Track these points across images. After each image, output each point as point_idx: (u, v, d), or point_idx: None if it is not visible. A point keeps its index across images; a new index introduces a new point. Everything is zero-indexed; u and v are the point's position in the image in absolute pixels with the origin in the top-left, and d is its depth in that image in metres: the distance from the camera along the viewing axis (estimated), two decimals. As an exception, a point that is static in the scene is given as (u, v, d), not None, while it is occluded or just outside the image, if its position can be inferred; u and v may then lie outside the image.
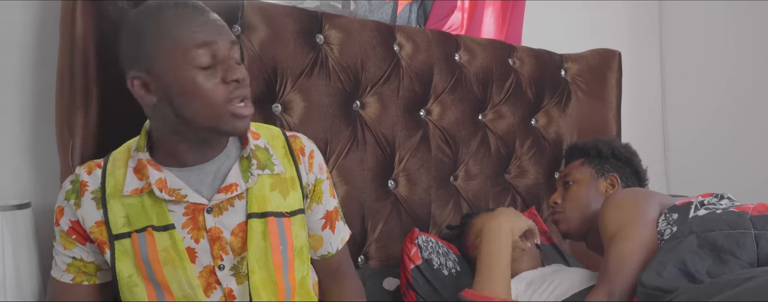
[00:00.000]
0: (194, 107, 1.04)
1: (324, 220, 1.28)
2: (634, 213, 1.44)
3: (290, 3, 1.72)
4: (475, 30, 2.17)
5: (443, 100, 1.89)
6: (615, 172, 1.69)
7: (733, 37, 2.76)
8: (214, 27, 1.05)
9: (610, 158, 1.72)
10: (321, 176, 1.25)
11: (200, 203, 1.10)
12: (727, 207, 1.40)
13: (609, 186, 1.68)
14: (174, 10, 1.05)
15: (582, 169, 1.71)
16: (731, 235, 1.28)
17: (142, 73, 1.04)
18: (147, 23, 1.04)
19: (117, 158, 1.14)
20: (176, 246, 1.08)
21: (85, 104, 1.28)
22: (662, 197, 1.53)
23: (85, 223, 1.11)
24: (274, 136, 1.22)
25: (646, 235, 1.40)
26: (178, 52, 1.02)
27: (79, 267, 1.14)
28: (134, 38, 1.05)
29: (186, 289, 1.09)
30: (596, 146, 1.74)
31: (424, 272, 1.59)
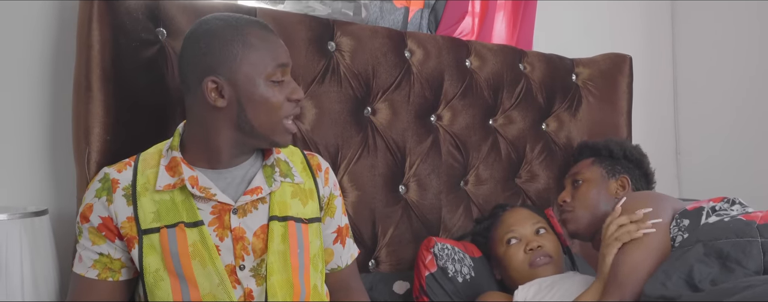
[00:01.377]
0: (261, 116, 1.17)
1: (335, 234, 1.36)
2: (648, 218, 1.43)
3: (301, 10, 1.74)
4: (486, 35, 2.17)
5: (454, 105, 1.91)
6: (626, 173, 1.68)
7: (746, 40, 2.75)
8: (286, 51, 1.21)
9: (621, 159, 1.71)
10: (335, 191, 1.35)
11: (227, 204, 1.17)
12: (737, 214, 1.39)
13: (619, 188, 1.66)
14: (260, 29, 1.19)
15: (592, 168, 1.70)
16: (738, 243, 1.28)
17: (220, 78, 1.15)
18: (235, 35, 1.15)
19: (147, 158, 1.21)
20: (205, 242, 1.14)
21: (101, 113, 1.31)
22: (674, 201, 1.52)
23: (117, 219, 1.16)
24: (293, 152, 1.32)
25: (659, 241, 1.39)
26: (262, 66, 1.16)
27: (106, 263, 1.18)
28: (220, 46, 1.15)
29: (215, 283, 1.13)
30: (608, 146, 1.73)
31: (439, 279, 1.62)
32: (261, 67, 1.16)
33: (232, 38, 1.15)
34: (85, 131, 1.30)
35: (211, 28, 1.17)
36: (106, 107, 1.30)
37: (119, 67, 1.33)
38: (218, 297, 1.13)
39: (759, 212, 1.38)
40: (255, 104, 1.16)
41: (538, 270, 1.59)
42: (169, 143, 1.22)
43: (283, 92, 1.18)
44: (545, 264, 1.59)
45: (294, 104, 1.20)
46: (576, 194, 1.67)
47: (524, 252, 1.62)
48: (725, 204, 1.45)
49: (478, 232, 1.78)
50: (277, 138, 1.20)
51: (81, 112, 1.31)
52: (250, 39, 1.16)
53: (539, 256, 1.60)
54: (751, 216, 1.36)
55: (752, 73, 2.73)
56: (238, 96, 1.16)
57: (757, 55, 2.71)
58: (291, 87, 1.20)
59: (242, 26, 1.17)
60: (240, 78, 1.15)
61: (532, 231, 1.65)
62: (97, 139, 1.30)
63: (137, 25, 1.37)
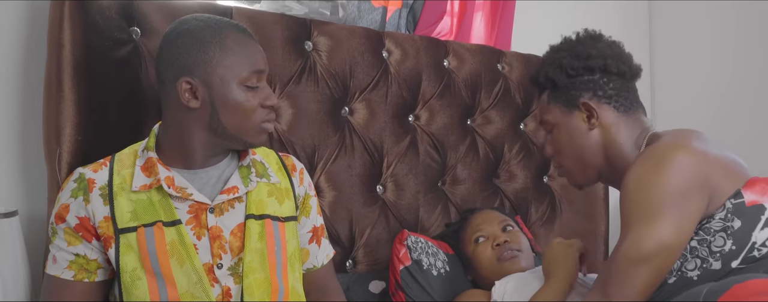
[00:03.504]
0: (234, 119, 1.18)
1: (311, 234, 1.36)
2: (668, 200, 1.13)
3: (278, 10, 1.73)
4: (464, 35, 2.18)
5: (431, 105, 1.91)
6: (584, 93, 1.36)
7: (723, 39, 2.78)
8: (264, 57, 1.22)
9: (568, 82, 1.38)
10: (310, 191, 1.36)
11: (204, 203, 1.17)
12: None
13: (587, 115, 1.36)
14: (239, 34, 1.19)
15: (550, 108, 1.41)
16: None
17: (195, 79, 1.15)
18: (213, 37, 1.16)
19: (122, 159, 1.21)
20: (183, 240, 1.14)
21: (73, 112, 1.29)
22: (720, 160, 1.18)
23: (94, 219, 1.15)
24: (267, 153, 1.33)
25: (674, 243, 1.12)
26: (237, 71, 1.16)
27: (82, 264, 1.17)
28: (197, 47, 1.15)
29: (192, 281, 1.13)
30: (548, 75, 1.41)
31: (414, 273, 1.62)
32: (236, 71, 1.16)
33: (209, 40, 1.16)
34: (56, 131, 1.28)
35: (190, 29, 1.17)
36: (77, 106, 1.29)
37: (91, 67, 1.31)
38: (196, 295, 1.13)
39: None
40: (228, 108, 1.17)
41: (507, 264, 1.60)
42: (144, 144, 1.22)
43: (257, 98, 1.19)
44: (513, 257, 1.60)
45: (268, 110, 1.21)
46: (553, 143, 1.42)
47: (492, 248, 1.63)
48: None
49: (448, 235, 1.80)
50: (250, 139, 1.21)
51: (52, 112, 1.29)
52: (228, 42, 1.16)
53: (506, 250, 1.61)
54: None
55: (728, 72, 2.76)
56: (212, 98, 1.16)
57: (733, 54, 2.74)
58: (265, 93, 1.20)
59: (221, 29, 1.17)
60: (214, 80, 1.15)
61: (498, 229, 1.68)
62: (68, 139, 1.28)
63: (110, 23, 1.36)
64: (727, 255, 1.11)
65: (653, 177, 1.16)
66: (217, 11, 1.53)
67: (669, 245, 1.13)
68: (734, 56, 2.74)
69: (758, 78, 2.66)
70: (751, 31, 2.70)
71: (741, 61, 2.72)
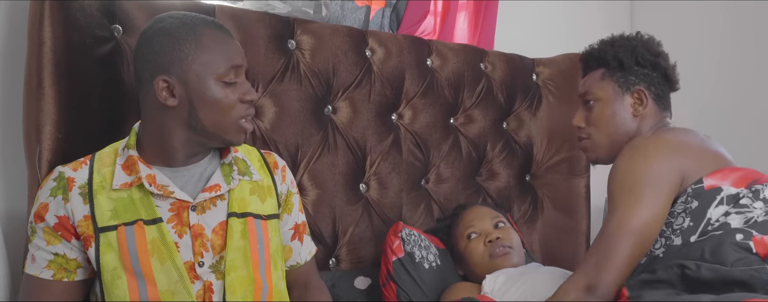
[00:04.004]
0: (212, 116, 1.17)
1: (293, 231, 1.37)
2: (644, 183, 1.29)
3: (261, 8, 1.73)
4: (447, 34, 2.19)
5: (415, 104, 1.92)
6: (641, 83, 1.49)
7: (704, 40, 2.81)
8: (241, 52, 1.21)
9: (633, 68, 1.50)
10: (292, 189, 1.36)
11: (185, 201, 1.17)
12: (755, 218, 1.22)
13: (636, 102, 1.48)
14: (215, 30, 1.18)
15: (603, 85, 1.51)
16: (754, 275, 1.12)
17: (171, 77, 1.15)
18: (188, 34, 1.15)
19: (102, 157, 1.20)
20: (164, 238, 1.14)
21: (53, 110, 1.28)
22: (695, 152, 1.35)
23: (74, 217, 1.15)
24: (249, 151, 1.33)
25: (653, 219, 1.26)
26: (213, 67, 1.16)
27: (61, 263, 1.16)
28: (172, 45, 1.15)
29: (173, 279, 1.13)
30: (616, 54, 1.51)
31: (406, 264, 1.62)
32: (213, 68, 1.16)
33: (185, 38, 1.15)
34: (36, 129, 1.28)
35: (166, 27, 1.17)
36: (57, 104, 1.28)
37: (72, 64, 1.31)
38: (177, 293, 1.13)
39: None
40: (206, 105, 1.16)
41: (499, 260, 1.62)
42: (124, 142, 1.22)
43: (235, 93, 1.18)
44: (505, 254, 1.62)
45: (247, 105, 1.20)
46: (590, 117, 1.51)
47: (484, 244, 1.66)
48: (749, 194, 1.26)
49: (440, 229, 1.81)
50: (230, 137, 1.20)
51: (32, 109, 1.29)
52: (204, 39, 1.16)
53: (499, 247, 1.63)
54: (763, 245, 1.17)
55: (710, 73, 2.79)
56: (189, 96, 1.16)
57: (714, 55, 2.77)
58: (244, 88, 1.19)
59: (197, 26, 1.17)
60: (191, 78, 1.15)
61: (491, 225, 1.70)
62: (48, 137, 1.27)
63: (91, 21, 1.35)
64: (685, 231, 1.25)
65: (633, 164, 1.33)
66: (200, 9, 1.52)
67: (649, 222, 1.28)
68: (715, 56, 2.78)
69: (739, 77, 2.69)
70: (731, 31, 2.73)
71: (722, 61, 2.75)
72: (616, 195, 1.32)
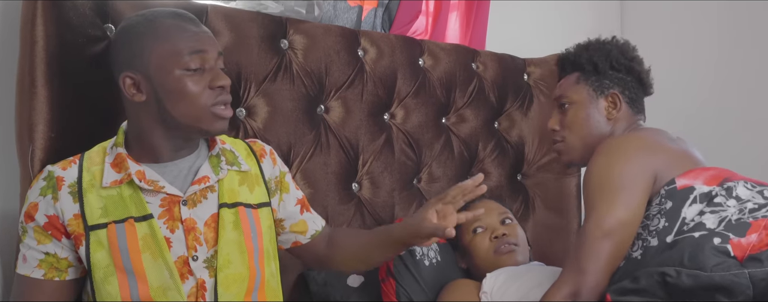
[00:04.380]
0: (181, 107, 1.15)
1: (299, 205, 1.38)
2: (618, 183, 1.31)
3: (254, 8, 1.73)
4: (439, 34, 2.20)
5: (407, 104, 1.92)
6: (616, 87, 1.52)
7: (695, 40, 2.83)
8: (206, 37, 1.18)
9: (608, 72, 1.54)
10: (283, 169, 1.36)
11: (176, 195, 1.17)
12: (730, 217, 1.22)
13: (610, 105, 1.52)
14: (172, 20, 1.17)
15: (578, 88, 1.55)
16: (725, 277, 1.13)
17: (136, 73, 1.15)
18: (146, 28, 1.15)
19: (92, 156, 1.20)
20: (155, 235, 1.14)
21: (45, 109, 1.28)
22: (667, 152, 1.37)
23: (63, 216, 1.14)
24: (235, 141, 1.33)
25: (627, 217, 1.28)
26: (172, 56, 1.14)
27: (52, 262, 1.16)
28: (132, 40, 1.15)
29: (165, 276, 1.13)
30: (591, 58, 1.55)
31: (406, 261, 1.62)
32: (174, 58, 1.14)
33: (143, 31, 1.15)
34: (28, 128, 1.28)
35: (128, 24, 1.18)
36: (50, 103, 1.28)
37: (65, 63, 1.31)
38: (168, 291, 1.13)
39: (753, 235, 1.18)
40: (172, 96, 1.14)
41: (503, 257, 1.62)
42: (113, 141, 1.22)
43: (203, 80, 1.15)
44: (510, 251, 1.62)
45: (217, 91, 1.16)
46: (564, 120, 1.54)
47: (489, 240, 1.65)
48: (722, 192, 1.27)
49: None
50: (206, 126, 1.17)
51: (24, 108, 1.28)
52: (160, 30, 1.15)
53: (504, 244, 1.63)
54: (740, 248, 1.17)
55: (700, 73, 2.81)
56: (155, 89, 1.15)
57: (704, 55, 2.80)
58: (212, 74, 1.16)
59: (155, 18, 1.16)
60: (152, 71, 1.14)
61: (497, 221, 1.70)
62: (41, 136, 1.27)
63: (84, 20, 1.35)
64: (661, 231, 1.26)
65: (607, 165, 1.35)
66: (193, 9, 1.52)
67: (625, 221, 1.29)
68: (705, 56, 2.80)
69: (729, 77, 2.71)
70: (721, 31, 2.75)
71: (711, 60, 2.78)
72: (591, 196, 1.34)
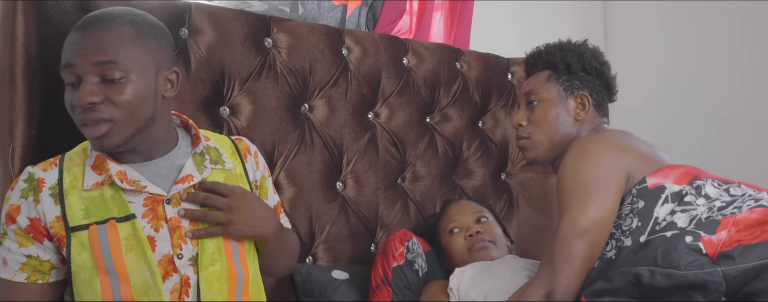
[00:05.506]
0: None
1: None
2: (591, 183, 1.31)
3: (238, 6, 1.73)
4: (423, 34, 2.20)
5: (391, 103, 1.93)
6: (585, 89, 1.53)
7: (678, 39, 2.85)
8: (80, 47, 1.09)
9: (579, 73, 1.54)
10: (265, 173, 1.35)
11: (159, 194, 1.16)
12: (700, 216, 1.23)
13: (578, 107, 1.52)
14: (74, 32, 1.12)
15: (549, 86, 1.54)
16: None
17: None
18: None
19: (72, 157, 1.19)
20: (138, 235, 1.12)
21: (25, 107, 1.27)
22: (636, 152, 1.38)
23: (45, 219, 1.13)
24: (220, 139, 1.32)
25: (601, 217, 1.28)
26: (61, 68, 1.12)
27: (35, 265, 1.15)
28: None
29: (147, 277, 1.12)
30: (565, 58, 1.55)
31: (406, 272, 1.64)
32: (61, 71, 1.12)
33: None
34: (8, 126, 1.27)
35: None
36: (30, 101, 1.27)
37: (45, 61, 1.30)
38: (149, 290, 1.12)
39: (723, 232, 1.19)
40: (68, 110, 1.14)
41: (478, 254, 1.64)
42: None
43: (73, 97, 1.10)
44: (484, 248, 1.64)
45: (80, 109, 1.09)
46: (532, 116, 1.53)
47: (464, 238, 1.68)
48: (692, 191, 1.28)
49: (428, 228, 1.82)
50: (93, 143, 1.14)
51: (4, 106, 1.27)
52: (65, 42, 1.12)
53: (478, 241, 1.65)
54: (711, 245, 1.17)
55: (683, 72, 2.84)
56: None
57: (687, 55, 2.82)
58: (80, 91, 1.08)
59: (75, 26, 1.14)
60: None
61: (472, 220, 1.72)
62: (21, 134, 1.26)
63: (65, 18, 1.34)
64: (634, 231, 1.26)
65: (580, 165, 1.35)
66: (176, 7, 1.52)
67: (598, 220, 1.29)
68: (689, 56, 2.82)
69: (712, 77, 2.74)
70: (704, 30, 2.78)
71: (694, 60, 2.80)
72: (564, 197, 1.35)
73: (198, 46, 1.55)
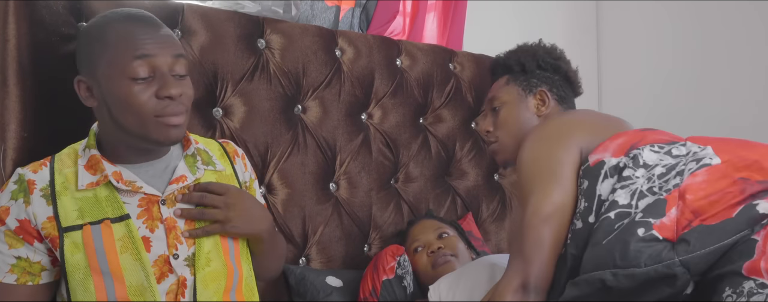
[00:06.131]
0: (127, 116, 1.11)
1: None
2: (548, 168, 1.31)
3: (231, 7, 1.72)
4: (417, 35, 2.21)
5: (384, 104, 1.93)
6: (543, 85, 1.56)
7: (670, 38, 2.87)
8: (158, 41, 1.11)
9: (535, 71, 1.57)
10: (252, 176, 1.36)
11: (154, 195, 1.16)
12: (640, 189, 1.19)
13: (539, 103, 1.54)
14: (124, 23, 1.12)
15: (508, 89, 1.58)
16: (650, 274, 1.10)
17: (88, 78, 1.13)
18: (98, 31, 1.12)
19: (63, 158, 1.18)
20: (132, 235, 1.12)
21: (18, 108, 1.27)
22: (587, 127, 1.37)
23: (36, 220, 1.13)
24: (208, 142, 1.33)
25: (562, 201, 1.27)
26: (119, 64, 1.09)
27: (24, 267, 1.14)
28: (84, 43, 1.14)
29: (141, 277, 1.12)
30: (519, 60, 1.59)
31: (395, 286, 1.65)
32: (120, 66, 1.09)
33: (94, 36, 1.12)
34: (0, 128, 1.26)
35: (86, 27, 1.16)
36: (22, 102, 1.27)
37: (37, 62, 1.29)
38: (145, 292, 1.12)
39: (672, 210, 1.14)
40: (118, 104, 1.11)
41: (441, 269, 1.66)
42: (84, 143, 1.20)
43: (149, 89, 1.10)
44: (446, 262, 1.66)
45: (166, 101, 1.11)
46: (497, 121, 1.56)
47: (427, 255, 1.70)
48: (629, 162, 1.23)
49: None
50: (155, 136, 1.13)
51: (-4, 108, 1.27)
52: (109, 36, 1.11)
53: (440, 256, 1.68)
54: (666, 228, 1.12)
55: (674, 72, 2.85)
56: (103, 95, 1.12)
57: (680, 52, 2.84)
58: (161, 82, 1.11)
59: (108, 23, 1.13)
60: (100, 77, 1.11)
61: (434, 237, 1.75)
62: (13, 136, 1.26)
63: (57, 19, 1.34)
64: (583, 212, 1.25)
65: (532, 153, 1.35)
66: (168, 8, 1.52)
67: (560, 204, 1.28)
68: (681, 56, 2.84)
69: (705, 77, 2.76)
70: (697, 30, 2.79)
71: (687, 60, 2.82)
72: (524, 186, 1.34)
73: (191, 47, 1.55)
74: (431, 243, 1.72)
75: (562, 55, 1.61)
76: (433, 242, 1.73)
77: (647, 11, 2.92)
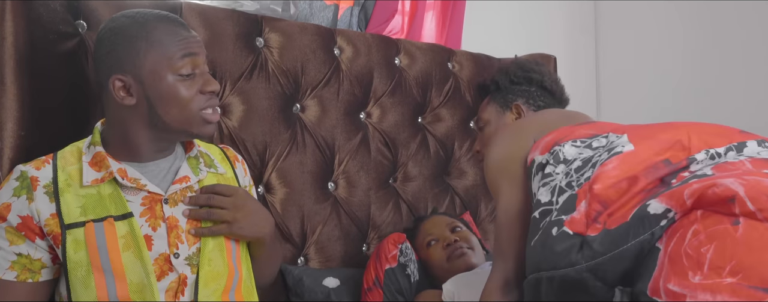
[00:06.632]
0: (173, 112, 1.16)
1: None
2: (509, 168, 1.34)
3: (229, 6, 1.72)
4: (415, 34, 2.20)
5: (383, 103, 1.92)
6: (518, 99, 1.59)
7: (668, 39, 2.87)
8: (196, 41, 1.19)
9: (509, 87, 1.62)
10: (250, 181, 1.38)
11: (157, 194, 1.17)
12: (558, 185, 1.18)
13: (516, 116, 1.58)
14: (165, 24, 1.17)
15: (489, 108, 1.63)
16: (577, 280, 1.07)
17: (126, 76, 1.14)
18: (138, 31, 1.15)
19: (65, 156, 1.19)
20: (135, 233, 1.13)
21: (15, 107, 1.26)
22: (539, 127, 1.37)
23: (40, 217, 1.13)
24: (209, 146, 1.35)
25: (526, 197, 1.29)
26: (166, 61, 1.14)
27: (25, 264, 1.14)
28: (123, 43, 1.14)
29: (142, 275, 1.12)
30: (494, 78, 1.65)
31: (398, 275, 1.65)
32: (167, 62, 1.14)
33: (136, 35, 1.14)
34: (-3, 126, 1.25)
35: (117, 26, 1.16)
36: (20, 100, 1.26)
37: (35, 60, 1.28)
38: (145, 290, 1.12)
39: (582, 203, 1.11)
40: (164, 101, 1.15)
41: (457, 261, 1.65)
42: (88, 141, 1.20)
43: (195, 85, 1.16)
44: (462, 254, 1.66)
45: (208, 95, 1.18)
46: (483, 139, 1.62)
47: (442, 248, 1.70)
48: (551, 159, 1.23)
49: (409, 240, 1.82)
50: (196, 130, 1.19)
51: (-7, 106, 1.26)
52: (155, 34, 1.14)
53: (457, 248, 1.67)
54: (576, 222, 1.10)
55: (672, 72, 2.85)
56: (146, 93, 1.14)
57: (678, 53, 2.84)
58: (203, 79, 1.18)
59: (148, 22, 1.16)
60: (145, 75, 1.14)
61: (448, 231, 1.75)
62: (10, 134, 1.25)
63: (55, 17, 1.33)
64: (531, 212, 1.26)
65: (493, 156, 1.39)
66: (167, 6, 1.51)
67: (525, 200, 1.30)
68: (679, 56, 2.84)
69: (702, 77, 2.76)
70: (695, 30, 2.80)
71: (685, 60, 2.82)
72: (492, 187, 1.39)
73: (189, 45, 1.54)
74: (446, 236, 1.72)
75: (533, 67, 1.64)
76: (447, 235, 1.72)
77: (645, 11, 2.92)
